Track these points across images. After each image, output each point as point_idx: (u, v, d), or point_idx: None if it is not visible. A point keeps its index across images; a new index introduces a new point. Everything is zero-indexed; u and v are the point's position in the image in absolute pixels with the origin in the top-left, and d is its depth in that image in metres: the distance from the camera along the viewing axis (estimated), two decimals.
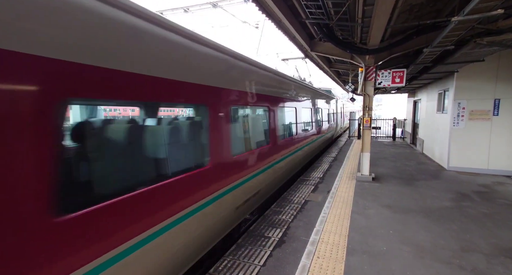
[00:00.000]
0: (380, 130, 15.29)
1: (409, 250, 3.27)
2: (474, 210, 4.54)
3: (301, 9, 4.85)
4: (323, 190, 5.66)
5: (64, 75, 1.47)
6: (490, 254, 3.17)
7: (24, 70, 1.30)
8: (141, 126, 2.62)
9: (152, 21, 2.10)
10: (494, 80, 6.86)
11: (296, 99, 6.67)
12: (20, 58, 1.28)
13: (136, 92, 1.95)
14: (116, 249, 1.77)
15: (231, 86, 3.34)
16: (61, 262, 1.47)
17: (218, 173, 3.05)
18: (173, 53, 2.35)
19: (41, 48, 1.36)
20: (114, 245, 1.75)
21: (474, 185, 6.04)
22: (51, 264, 1.42)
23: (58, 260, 1.45)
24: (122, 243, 1.82)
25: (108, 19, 1.73)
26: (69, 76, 1.49)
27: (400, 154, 10.26)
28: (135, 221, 1.93)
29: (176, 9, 8.46)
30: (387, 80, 6.26)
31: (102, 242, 1.68)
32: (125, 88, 1.86)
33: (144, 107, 2.71)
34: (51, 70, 1.41)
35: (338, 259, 3.06)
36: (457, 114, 7.31)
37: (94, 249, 1.63)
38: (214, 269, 2.89)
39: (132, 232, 1.91)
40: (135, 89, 1.93)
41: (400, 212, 4.43)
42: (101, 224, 1.68)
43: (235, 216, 3.57)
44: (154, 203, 2.10)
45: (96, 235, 1.64)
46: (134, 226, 1.93)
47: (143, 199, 2.00)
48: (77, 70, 1.53)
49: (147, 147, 2.40)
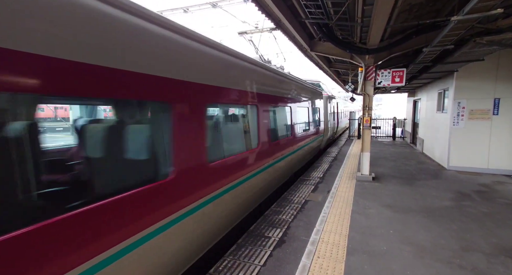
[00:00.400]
0: (380, 129, 15.29)
1: (409, 250, 3.26)
2: (474, 209, 4.54)
3: (301, 9, 4.85)
4: (323, 190, 5.66)
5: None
6: (490, 254, 3.17)
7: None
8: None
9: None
10: (494, 80, 6.86)
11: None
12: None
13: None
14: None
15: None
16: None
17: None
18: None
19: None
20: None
21: (474, 184, 6.04)
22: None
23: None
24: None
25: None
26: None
27: (400, 153, 10.26)
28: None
29: (175, 9, 8.45)
30: (387, 79, 6.26)
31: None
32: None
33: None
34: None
35: (339, 259, 3.06)
36: (457, 114, 7.31)
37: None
38: (214, 269, 2.89)
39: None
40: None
41: (400, 212, 4.43)
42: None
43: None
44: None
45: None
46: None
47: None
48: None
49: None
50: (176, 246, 2.48)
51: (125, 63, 1.91)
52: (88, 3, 1.71)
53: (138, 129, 2.38)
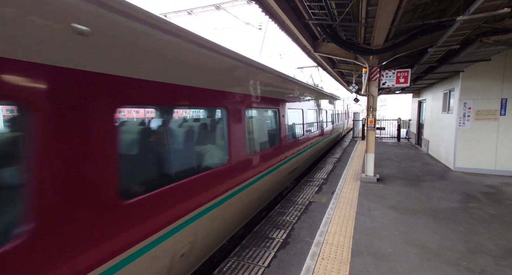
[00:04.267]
0: (384, 130, 15.18)
1: (415, 251, 3.23)
2: (481, 211, 4.47)
3: (304, 10, 4.85)
4: (327, 191, 5.63)
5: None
6: (498, 256, 3.12)
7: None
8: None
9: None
10: (501, 80, 6.77)
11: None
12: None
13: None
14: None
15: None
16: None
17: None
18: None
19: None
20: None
21: (481, 186, 5.96)
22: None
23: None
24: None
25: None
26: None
27: (405, 154, 10.17)
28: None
29: (179, 11, 8.52)
30: (392, 80, 6.21)
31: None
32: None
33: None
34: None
35: (343, 261, 3.04)
36: (463, 114, 7.22)
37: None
38: (218, 270, 2.89)
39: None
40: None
41: (405, 213, 4.38)
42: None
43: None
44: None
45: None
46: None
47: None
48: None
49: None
50: (232, 212, 3.36)
51: (220, 85, 3.03)
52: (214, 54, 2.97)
53: (219, 127, 3.32)
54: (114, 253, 1.75)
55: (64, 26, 1.49)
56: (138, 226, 1.95)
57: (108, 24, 1.76)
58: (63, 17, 1.50)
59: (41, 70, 1.38)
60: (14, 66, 1.29)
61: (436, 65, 6.44)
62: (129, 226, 1.87)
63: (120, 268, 1.79)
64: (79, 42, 1.56)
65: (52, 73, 1.43)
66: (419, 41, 5.29)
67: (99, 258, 1.66)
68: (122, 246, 1.81)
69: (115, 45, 1.78)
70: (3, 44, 1.25)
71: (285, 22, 4.93)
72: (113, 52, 1.77)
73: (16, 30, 1.30)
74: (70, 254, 1.51)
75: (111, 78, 1.74)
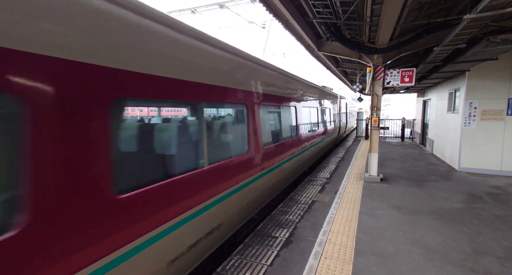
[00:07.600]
0: (388, 130, 15.07)
1: (419, 252, 3.21)
2: (486, 212, 4.43)
3: (309, 9, 4.83)
4: (330, 191, 5.62)
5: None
6: (504, 257, 3.09)
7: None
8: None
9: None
10: (508, 79, 6.67)
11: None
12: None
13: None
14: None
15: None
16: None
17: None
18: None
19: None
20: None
21: (486, 186, 5.89)
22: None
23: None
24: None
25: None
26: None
27: (409, 154, 10.09)
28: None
29: (183, 10, 8.54)
30: (396, 79, 6.16)
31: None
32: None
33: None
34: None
35: (346, 260, 3.03)
36: (469, 114, 7.14)
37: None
38: (221, 268, 2.91)
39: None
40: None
41: (409, 214, 4.35)
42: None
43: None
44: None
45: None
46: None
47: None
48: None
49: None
50: (249, 198, 3.74)
51: (239, 84, 3.44)
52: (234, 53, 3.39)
53: (241, 121, 3.76)
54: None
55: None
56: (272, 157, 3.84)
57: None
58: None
59: (252, 93, 3.35)
60: (248, 93, 3.27)
61: (442, 64, 6.37)
62: (270, 157, 3.80)
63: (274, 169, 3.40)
64: (262, 83, 4.01)
65: (252, 93, 3.79)
66: (424, 40, 5.24)
67: (263, 166, 3.81)
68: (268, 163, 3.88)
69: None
70: (254, 86, 3.55)
71: (289, 20, 4.91)
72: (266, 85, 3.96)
73: (257, 79, 3.49)
74: (257, 161, 3.60)
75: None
